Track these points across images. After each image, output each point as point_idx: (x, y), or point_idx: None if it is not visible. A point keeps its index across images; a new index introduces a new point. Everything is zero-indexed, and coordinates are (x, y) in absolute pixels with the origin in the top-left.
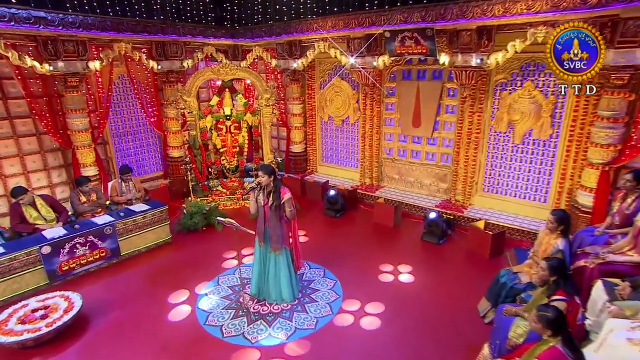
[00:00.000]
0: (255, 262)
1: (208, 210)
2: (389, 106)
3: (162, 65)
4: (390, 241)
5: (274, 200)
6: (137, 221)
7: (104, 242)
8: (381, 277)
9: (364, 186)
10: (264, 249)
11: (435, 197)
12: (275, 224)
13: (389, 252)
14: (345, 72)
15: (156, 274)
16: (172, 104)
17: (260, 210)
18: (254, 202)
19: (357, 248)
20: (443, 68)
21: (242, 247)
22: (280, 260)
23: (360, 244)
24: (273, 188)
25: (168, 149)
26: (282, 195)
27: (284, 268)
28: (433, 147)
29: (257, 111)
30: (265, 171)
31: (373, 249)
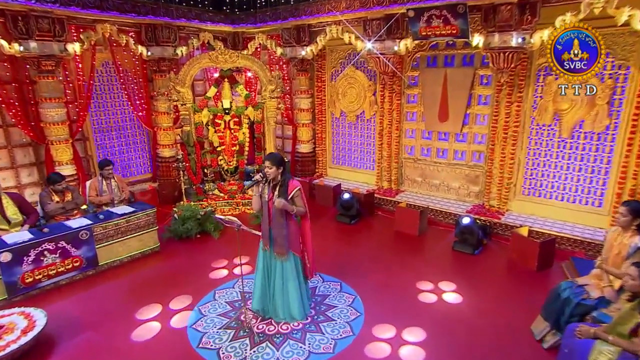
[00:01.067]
0: (257, 270)
1: (203, 214)
2: (411, 98)
3: (152, 52)
4: (417, 252)
5: (280, 194)
6: (119, 225)
7: (79, 249)
8: (421, 296)
9: (381, 190)
10: (268, 254)
11: (465, 201)
12: (281, 223)
13: (417, 264)
14: (360, 60)
15: (140, 287)
16: (163, 95)
17: (264, 207)
18: (257, 198)
19: (379, 259)
20: (475, 52)
21: (245, 254)
22: (286, 268)
23: (382, 254)
24: (280, 181)
25: (158, 147)
26: (290, 188)
27: (292, 278)
28: (462, 144)
29: (259, 104)
30: (273, 160)
31: (398, 260)
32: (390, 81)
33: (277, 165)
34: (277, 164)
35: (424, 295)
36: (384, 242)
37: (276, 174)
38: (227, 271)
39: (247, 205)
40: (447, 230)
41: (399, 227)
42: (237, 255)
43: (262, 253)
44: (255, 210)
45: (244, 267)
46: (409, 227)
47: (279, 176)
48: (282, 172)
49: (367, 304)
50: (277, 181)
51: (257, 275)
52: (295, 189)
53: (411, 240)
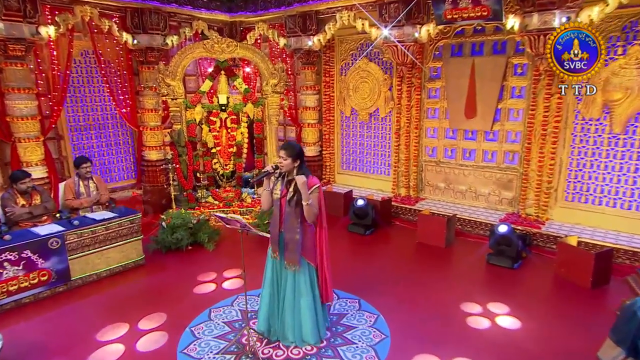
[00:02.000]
0: (264, 283)
1: (195, 222)
2: (433, 92)
3: (139, 40)
4: (446, 266)
5: (294, 191)
6: (97, 233)
7: (47, 260)
8: (470, 320)
9: (398, 198)
10: (277, 263)
11: (497, 209)
12: (294, 226)
13: (448, 280)
14: (374, 51)
15: (120, 307)
16: (150, 90)
17: (275, 205)
18: (267, 193)
19: (402, 274)
20: (508, 37)
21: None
22: (299, 281)
23: (405, 268)
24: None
25: (143, 149)
26: (309, 185)
27: (305, 293)
28: (493, 143)
29: (260, 101)
30: (289, 151)
31: (425, 275)
32: (409, 73)
33: (294, 157)
34: (293, 156)
35: (474, 320)
36: (406, 255)
37: (291, 167)
38: (214, 285)
39: (246, 214)
40: (478, 242)
41: (423, 238)
42: (228, 268)
43: (270, 262)
44: (263, 208)
45: (233, 282)
46: (434, 238)
47: (294, 170)
48: (299, 166)
49: (393, 325)
50: (293, 176)
51: (264, 289)
52: (313, 187)
53: (437, 253)
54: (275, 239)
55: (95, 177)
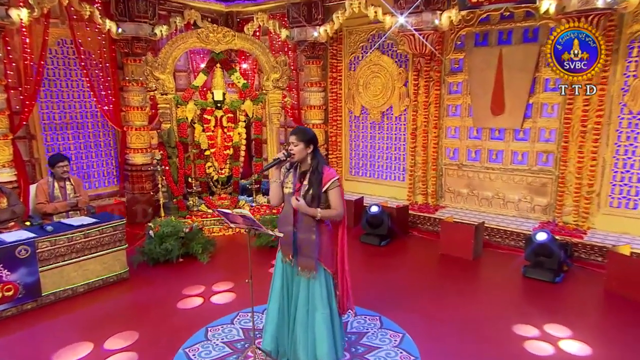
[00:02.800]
0: (272, 292)
1: (187, 231)
2: (454, 87)
3: (124, 29)
4: (477, 280)
5: (310, 185)
6: (75, 240)
7: (13, 271)
8: (528, 345)
9: (415, 206)
10: (288, 270)
11: (529, 218)
12: (310, 225)
13: (481, 295)
14: (387, 42)
15: (98, 327)
16: (136, 85)
17: (287, 201)
18: (276, 186)
19: (427, 289)
20: (541, 23)
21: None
22: (314, 290)
23: (430, 283)
24: (310, 165)
25: (127, 152)
26: (326, 178)
27: (322, 304)
28: (524, 143)
29: (260, 97)
30: (300, 135)
31: (454, 290)
32: (427, 66)
33: (307, 143)
34: (306, 140)
35: (532, 345)
36: (429, 267)
37: (304, 155)
38: (201, 299)
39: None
40: (510, 254)
41: (446, 249)
42: (219, 281)
43: (280, 267)
44: (272, 203)
45: (223, 296)
46: (460, 248)
47: (308, 158)
48: (312, 153)
49: (424, 346)
50: (307, 166)
51: (272, 302)
52: (331, 179)
53: (465, 265)
54: (288, 240)
55: (73, 177)
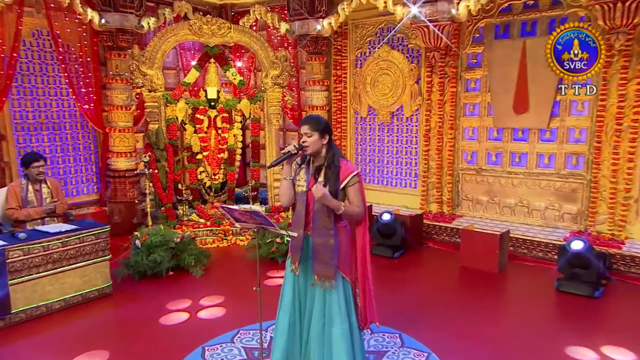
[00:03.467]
0: (282, 305)
1: (179, 241)
2: (471, 84)
3: (108, 20)
4: (506, 295)
5: (326, 181)
6: (51, 250)
7: None
8: None
9: (429, 215)
10: (301, 279)
11: (557, 227)
12: (327, 228)
13: (514, 311)
14: (398, 36)
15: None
16: (121, 82)
17: (299, 200)
18: (288, 185)
19: (451, 304)
20: (569, 12)
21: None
22: (331, 302)
23: (454, 297)
24: (326, 159)
25: (109, 155)
26: (344, 173)
27: (340, 319)
28: (550, 144)
29: (258, 95)
30: (314, 124)
31: (481, 305)
32: (442, 62)
33: (321, 132)
34: (320, 130)
35: None
36: (450, 281)
37: (319, 147)
38: (187, 315)
39: (238, 235)
40: (538, 267)
41: (468, 262)
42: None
43: (290, 278)
44: (282, 203)
45: (212, 311)
46: (483, 260)
47: (323, 150)
48: (328, 144)
49: None
50: (322, 160)
51: (281, 315)
52: (350, 174)
53: (490, 279)
54: (300, 245)
55: (50, 180)
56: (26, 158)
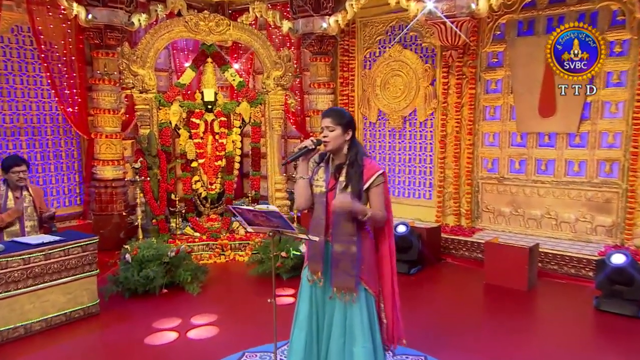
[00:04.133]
0: (297, 321)
1: (174, 255)
2: (492, 85)
3: (95, 15)
4: (540, 314)
5: (347, 181)
6: (32, 263)
7: None
8: None
9: (446, 228)
10: (319, 291)
11: (589, 241)
12: (349, 234)
13: (552, 333)
14: (411, 34)
15: None
16: (108, 83)
17: (318, 202)
18: (304, 185)
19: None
20: (600, 6)
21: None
22: (352, 317)
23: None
24: (347, 157)
25: (94, 164)
26: (368, 172)
27: (363, 337)
28: (581, 150)
29: (259, 98)
30: (337, 117)
31: (516, 326)
32: (459, 61)
33: (345, 127)
34: (343, 124)
35: None
36: (475, 300)
37: (340, 143)
38: (176, 334)
39: (237, 250)
40: (571, 284)
41: (493, 278)
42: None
43: (307, 290)
44: (298, 205)
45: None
46: (511, 277)
47: (345, 147)
48: (350, 141)
49: None
50: (342, 158)
51: (297, 332)
52: (375, 174)
53: (519, 297)
54: (321, 253)
55: (32, 187)
56: (6, 162)
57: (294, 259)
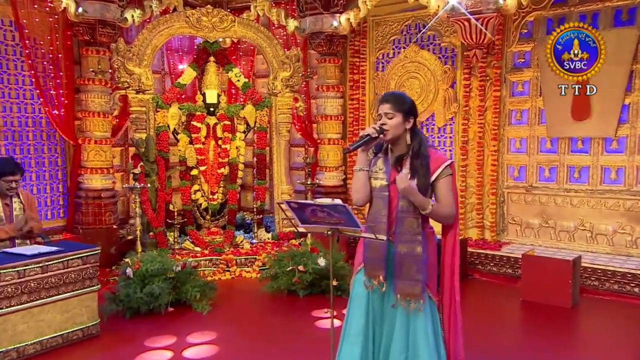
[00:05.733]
0: (349, 332)
1: (180, 270)
2: (518, 87)
3: (87, 9)
4: (590, 334)
5: (412, 173)
6: (27, 276)
7: None
8: None
9: (471, 241)
10: (378, 297)
11: (629, 254)
12: (414, 233)
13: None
14: (428, 34)
15: None
16: (98, 83)
17: (378, 197)
18: (364, 177)
19: (524, 347)
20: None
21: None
22: (416, 328)
23: (525, 338)
24: (410, 147)
25: (81, 172)
26: (435, 163)
27: (427, 350)
28: (618, 156)
29: (265, 101)
30: (397, 103)
31: (562, 347)
32: (483, 62)
33: (406, 114)
34: (405, 111)
35: None
36: (513, 319)
37: (401, 132)
38: (170, 353)
39: (243, 266)
40: (616, 301)
41: (531, 295)
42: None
43: (363, 297)
44: (357, 200)
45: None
46: (552, 293)
47: (407, 137)
48: (412, 130)
49: None
50: (404, 148)
51: (348, 348)
52: (443, 164)
53: (564, 315)
54: (381, 255)
55: (23, 193)
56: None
57: (313, 274)
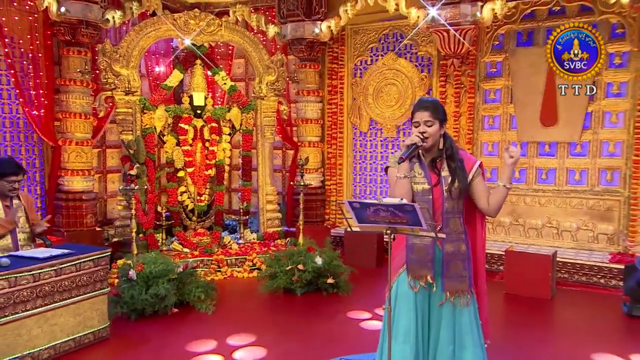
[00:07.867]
0: (398, 333)
1: (182, 271)
2: (491, 95)
3: (68, 9)
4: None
5: (453, 176)
6: (41, 280)
7: None
8: None
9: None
10: (426, 297)
11: (591, 249)
12: (458, 232)
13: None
14: (406, 43)
15: None
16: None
17: (421, 200)
18: (407, 183)
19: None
20: (600, 19)
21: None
22: (461, 322)
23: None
24: (442, 150)
25: (61, 174)
26: (468, 163)
27: (472, 342)
28: (582, 159)
29: (251, 104)
30: (435, 112)
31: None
32: (458, 71)
33: (442, 121)
34: (441, 119)
35: None
36: (499, 311)
37: (438, 139)
38: (220, 358)
39: (234, 266)
40: (588, 292)
41: (513, 288)
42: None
43: (409, 298)
44: None
45: (249, 352)
46: (533, 286)
47: (440, 141)
48: (444, 136)
49: None
50: (436, 153)
51: (398, 347)
52: (475, 165)
53: (544, 306)
54: (429, 256)
55: (23, 194)
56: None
57: (311, 273)
